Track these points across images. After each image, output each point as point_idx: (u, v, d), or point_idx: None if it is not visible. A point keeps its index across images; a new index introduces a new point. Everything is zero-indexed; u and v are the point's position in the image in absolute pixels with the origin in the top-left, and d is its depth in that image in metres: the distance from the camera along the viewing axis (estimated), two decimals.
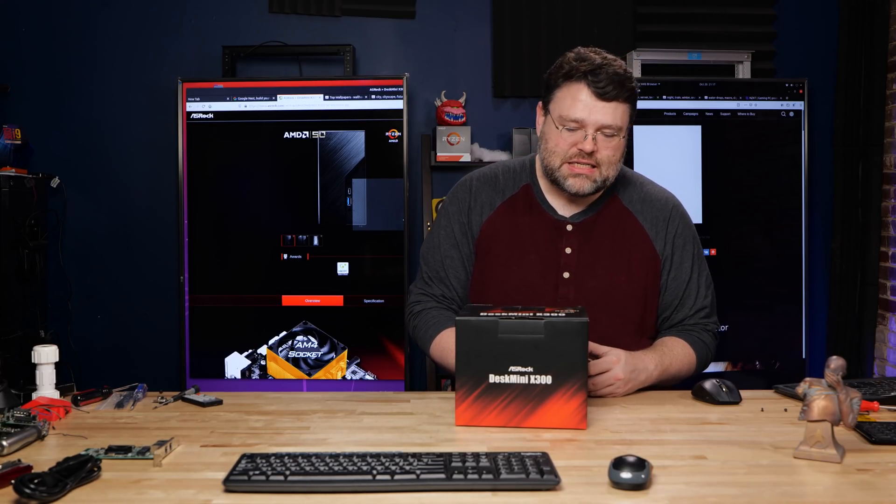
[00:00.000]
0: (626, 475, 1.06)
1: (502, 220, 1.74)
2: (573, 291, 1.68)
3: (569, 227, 1.71)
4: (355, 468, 1.07)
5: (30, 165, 3.46)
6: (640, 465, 1.07)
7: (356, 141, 3.27)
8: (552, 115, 1.65)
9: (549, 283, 1.69)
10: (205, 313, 3.29)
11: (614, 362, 1.57)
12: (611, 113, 1.59)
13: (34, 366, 1.51)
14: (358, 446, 1.25)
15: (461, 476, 1.05)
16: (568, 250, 1.70)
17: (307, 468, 1.06)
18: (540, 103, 1.71)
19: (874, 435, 1.27)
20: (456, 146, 3.38)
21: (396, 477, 1.05)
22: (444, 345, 1.67)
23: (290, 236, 3.28)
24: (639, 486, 1.05)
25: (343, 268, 3.28)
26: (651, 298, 1.73)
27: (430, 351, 1.73)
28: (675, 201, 1.78)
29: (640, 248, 1.71)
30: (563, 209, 1.72)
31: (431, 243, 1.80)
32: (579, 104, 1.59)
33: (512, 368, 1.33)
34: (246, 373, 3.29)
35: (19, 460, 1.13)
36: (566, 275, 1.69)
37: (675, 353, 1.67)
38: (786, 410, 1.48)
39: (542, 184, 1.74)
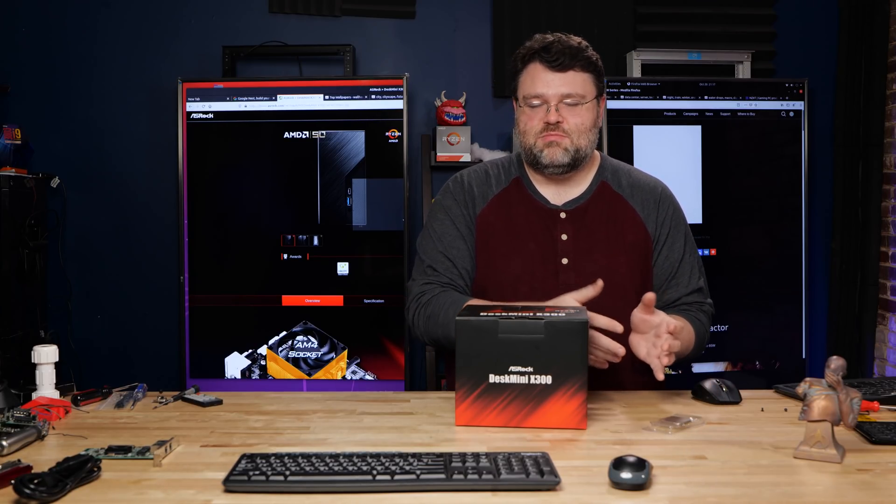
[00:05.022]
0: (626, 475, 1.06)
1: (497, 213, 1.74)
2: (574, 277, 1.67)
3: (562, 215, 1.72)
4: (355, 468, 1.07)
5: (30, 165, 3.45)
6: (640, 465, 1.07)
7: (356, 141, 3.27)
8: (519, 99, 1.72)
9: (549, 270, 1.69)
10: (205, 313, 3.29)
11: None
12: (569, 82, 1.66)
13: (34, 366, 1.51)
14: (358, 446, 1.25)
15: (461, 476, 1.05)
16: (564, 237, 1.71)
17: (307, 468, 1.06)
18: (513, 97, 1.76)
19: (874, 435, 1.27)
20: (456, 146, 3.38)
21: (396, 477, 1.05)
22: None
23: (290, 236, 3.28)
24: (639, 486, 1.05)
25: (343, 268, 3.28)
26: (649, 278, 1.74)
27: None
28: (663, 185, 1.81)
29: (633, 230, 1.73)
30: (555, 198, 1.74)
31: (432, 236, 1.75)
32: (537, 80, 1.67)
33: (512, 368, 1.33)
34: (246, 373, 3.29)
35: (19, 460, 1.13)
36: (565, 261, 1.69)
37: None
38: (786, 410, 1.48)
39: (531, 175, 1.77)
